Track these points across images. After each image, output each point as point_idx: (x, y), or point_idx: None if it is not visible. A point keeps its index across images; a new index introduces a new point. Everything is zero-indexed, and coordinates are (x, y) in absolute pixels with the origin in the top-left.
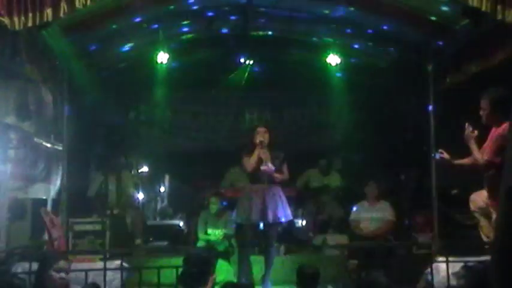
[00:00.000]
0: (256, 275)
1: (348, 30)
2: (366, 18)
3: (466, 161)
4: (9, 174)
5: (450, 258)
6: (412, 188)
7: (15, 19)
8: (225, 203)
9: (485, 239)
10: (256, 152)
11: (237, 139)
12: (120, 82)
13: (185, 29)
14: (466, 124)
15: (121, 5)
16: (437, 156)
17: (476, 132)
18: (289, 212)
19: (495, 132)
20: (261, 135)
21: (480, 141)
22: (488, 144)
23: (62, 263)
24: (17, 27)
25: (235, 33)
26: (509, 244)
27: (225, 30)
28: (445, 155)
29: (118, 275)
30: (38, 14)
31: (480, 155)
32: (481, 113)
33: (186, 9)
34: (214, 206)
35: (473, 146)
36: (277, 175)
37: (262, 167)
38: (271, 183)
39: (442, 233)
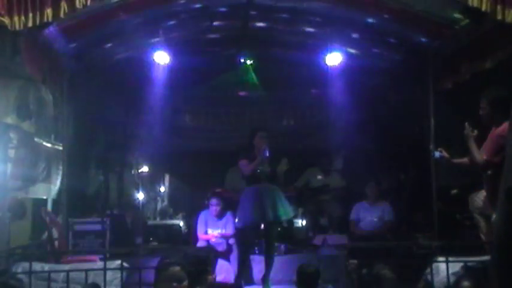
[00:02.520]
0: (256, 275)
1: (348, 31)
2: (366, 18)
3: (465, 160)
4: (9, 174)
5: (450, 258)
6: (412, 188)
7: (15, 19)
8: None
9: (484, 239)
10: (258, 159)
11: (237, 139)
12: (120, 82)
13: (185, 29)
14: (466, 123)
15: (121, 4)
16: (437, 154)
17: (475, 131)
18: (290, 209)
19: (495, 132)
20: (265, 142)
21: (480, 141)
22: (487, 143)
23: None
24: (17, 27)
25: (235, 33)
26: (509, 244)
27: (225, 30)
28: (445, 154)
29: (118, 275)
30: (38, 14)
31: (479, 154)
32: (481, 112)
33: (186, 9)
34: (214, 206)
35: (473, 146)
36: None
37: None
38: (268, 182)
39: (442, 233)
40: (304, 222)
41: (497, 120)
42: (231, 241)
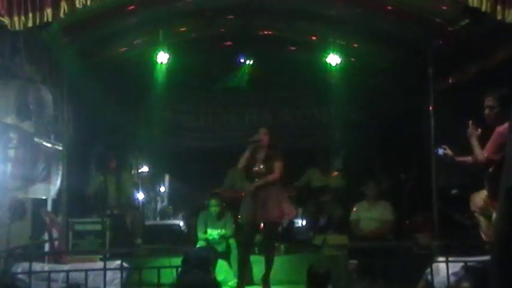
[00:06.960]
0: (256, 275)
1: (348, 30)
2: (366, 18)
3: (468, 158)
4: (9, 174)
5: (450, 258)
6: (412, 187)
7: (15, 19)
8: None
9: (485, 239)
10: (247, 152)
11: (237, 139)
12: (120, 82)
13: (185, 29)
14: (470, 122)
15: (121, 4)
16: (441, 151)
17: (479, 130)
18: (292, 207)
19: (497, 130)
20: (267, 140)
21: (482, 140)
22: (489, 142)
23: None
24: (17, 27)
25: (235, 33)
26: (509, 244)
27: (225, 30)
28: (448, 151)
29: (118, 275)
30: (38, 14)
31: (481, 152)
32: (487, 111)
33: (186, 9)
34: (214, 207)
35: (475, 144)
36: (268, 179)
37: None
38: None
39: (442, 233)
40: (304, 222)
41: (502, 119)
42: (231, 241)
